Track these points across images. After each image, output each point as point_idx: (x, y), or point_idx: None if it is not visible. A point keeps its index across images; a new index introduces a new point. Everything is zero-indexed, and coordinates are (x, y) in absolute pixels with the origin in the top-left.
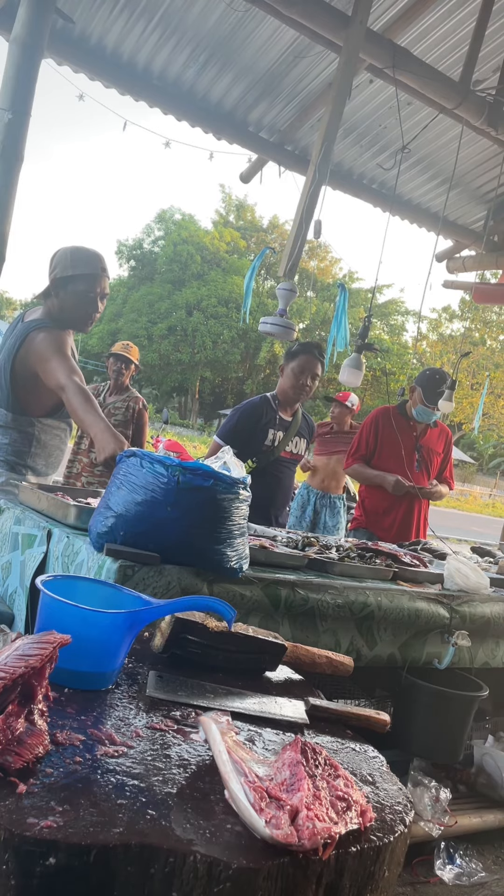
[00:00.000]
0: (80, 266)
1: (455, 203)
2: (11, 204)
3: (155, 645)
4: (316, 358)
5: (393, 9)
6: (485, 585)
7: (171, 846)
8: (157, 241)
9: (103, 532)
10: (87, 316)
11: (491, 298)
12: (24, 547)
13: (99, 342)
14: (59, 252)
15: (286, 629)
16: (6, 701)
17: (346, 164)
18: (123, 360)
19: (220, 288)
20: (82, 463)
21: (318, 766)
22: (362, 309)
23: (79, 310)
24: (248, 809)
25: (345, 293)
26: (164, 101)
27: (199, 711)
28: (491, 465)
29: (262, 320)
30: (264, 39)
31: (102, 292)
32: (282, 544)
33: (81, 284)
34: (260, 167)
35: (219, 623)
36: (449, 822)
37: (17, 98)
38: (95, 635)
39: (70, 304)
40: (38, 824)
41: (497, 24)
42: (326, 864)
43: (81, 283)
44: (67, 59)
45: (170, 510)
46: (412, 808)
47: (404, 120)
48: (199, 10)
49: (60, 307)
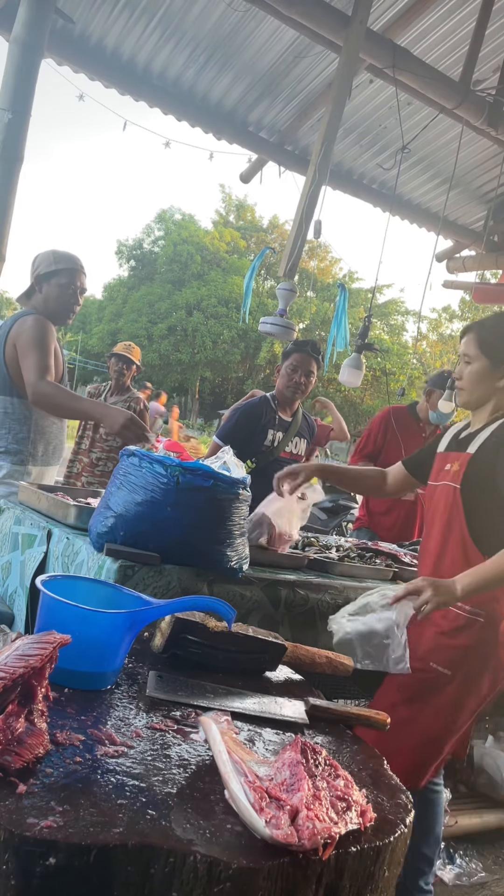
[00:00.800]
0: (61, 262)
1: (455, 203)
2: (11, 204)
3: (155, 645)
4: (309, 355)
5: (393, 9)
6: None
7: (171, 846)
8: (157, 241)
9: (103, 532)
10: (69, 308)
11: (491, 298)
12: (24, 547)
13: (99, 342)
14: (39, 254)
15: (286, 629)
16: (6, 701)
17: (346, 164)
18: (125, 360)
19: (220, 288)
20: (82, 463)
21: (318, 766)
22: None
23: (61, 301)
24: (248, 809)
25: (345, 293)
26: (164, 101)
27: (199, 711)
28: None
29: (262, 320)
30: (264, 39)
31: (81, 287)
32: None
33: (64, 278)
34: (260, 167)
35: (219, 623)
36: (449, 822)
37: (17, 98)
38: (95, 635)
39: (53, 297)
40: (38, 824)
41: (497, 24)
42: (326, 865)
43: (64, 276)
44: (67, 59)
45: (170, 510)
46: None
47: (404, 120)
48: (199, 10)
49: (44, 301)
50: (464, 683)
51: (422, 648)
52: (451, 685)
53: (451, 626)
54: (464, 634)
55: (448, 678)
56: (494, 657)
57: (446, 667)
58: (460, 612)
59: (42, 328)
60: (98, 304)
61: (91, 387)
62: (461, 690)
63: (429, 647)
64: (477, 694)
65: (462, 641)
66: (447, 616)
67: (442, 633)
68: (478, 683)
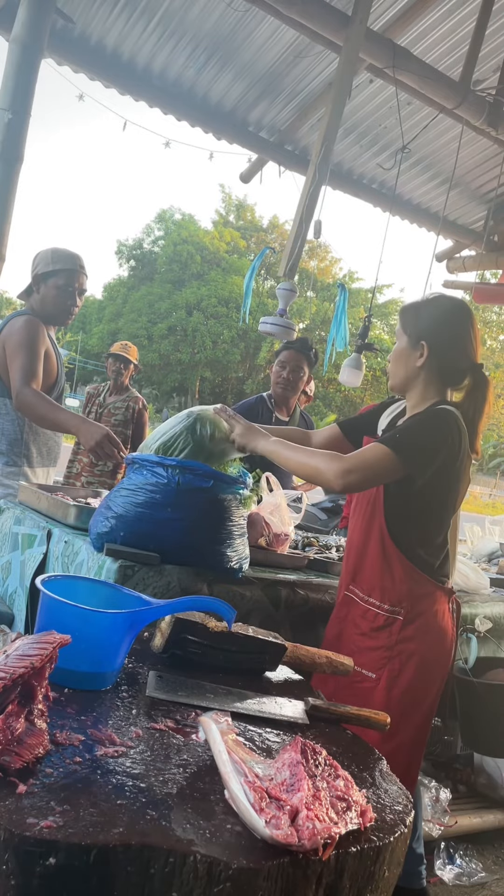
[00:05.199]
0: (59, 262)
1: (455, 203)
2: (11, 204)
3: (155, 645)
4: (298, 352)
5: (393, 9)
6: (485, 585)
7: (171, 846)
8: (157, 240)
9: (103, 532)
10: (67, 309)
11: (491, 298)
12: (24, 547)
13: (99, 342)
14: (39, 252)
15: (286, 629)
16: (6, 701)
17: (345, 164)
18: (122, 360)
19: (220, 288)
20: (82, 463)
21: (319, 767)
22: (362, 309)
23: (59, 302)
24: (248, 809)
25: (345, 293)
26: (163, 100)
27: (199, 711)
28: (491, 465)
29: (261, 320)
30: (264, 39)
31: (80, 288)
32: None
33: (62, 279)
34: (260, 167)
35: (219, 623)
36: (449, 822)
37: (16, 98)
38: (95, 635)
39: (51, 297)
40: (38, 824)
41: (497, 24)
42: (326, 865)
43: (62, 277)
44: (67, 59)
45: (170, 511)
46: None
47: (404, 120)
48: (199, 10)
49: (42, 301)
50: (389, 686)
51: (344, 651)
52: (378, 688)
53: (370, 627)
54: (383, 634)
55: (374, 681)
56: (418, 655)
57: (370, 670)
58: (379, 612)
59: (32, 330)
60: (98, 303)
61: (90, 387)
62: (389, 693)
63: (351, 650)
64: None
65: (381, 642)
66: (366, 616)
67: (362, 634)
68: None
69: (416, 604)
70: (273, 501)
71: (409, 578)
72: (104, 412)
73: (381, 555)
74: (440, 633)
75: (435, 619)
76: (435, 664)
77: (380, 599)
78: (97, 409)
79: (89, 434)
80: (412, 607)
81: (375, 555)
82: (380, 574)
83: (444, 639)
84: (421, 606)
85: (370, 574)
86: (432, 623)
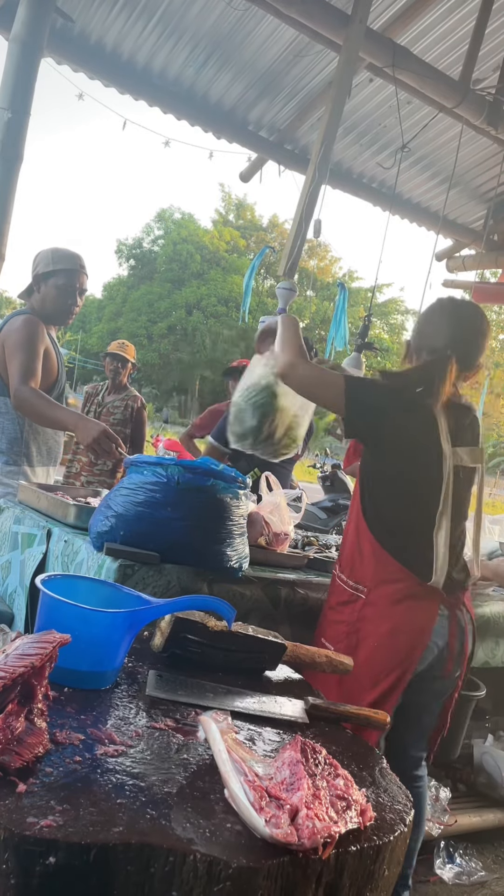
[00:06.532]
0: (60, 262)
1: (455, 202)
2: (11, 203)
3: (155, 644)
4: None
5: (393, 7)
6: (484, 585)
7: (170, 845)
8: (157, 240)
9: (103, 531)
10: (68, 309)
11: (491, 298)
12: (23, 546)
13: (99, 341)
14: (40, 252)
15: (286, 629)
16: (6, 700)
17: (345, 164)
18: (119, 359)
19: (220, 287)
20: (82, 462)
21: (318, 766)
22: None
23: (59, 302)
24: (247, 809)
25: (344, 292)
26: (163, 99)
27: (199, 710)
28: (491, 465)
29: (261, 319)
30: (264, 38)
31: (81, 288)
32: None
33: (62, 279)
34: (260, 166)
35: (219, 622)
36: (448, 822)
37: (16, 97)
38: (95, 634)
39: (51, 297)
40: (38, 823)
41: (497, 23)
42: (326, 864)
43: (62, 277)
44: (67, 58)
45: (170, 510)
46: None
47: (404, 119)
48: (199, 9)
49: (42, 301)
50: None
51: (320, 625)
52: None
53: (337, 601)
54: (347, 609)
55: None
56: (372, 638)
57: (332, 642)
58: (345, 587)
59: (30, 329)
60: (98, 303)
61: (89, 386)
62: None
63: (323, 624)
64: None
65: (345, 616)
66: (335, 590)
67: (331, 608)
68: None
69: (379, 586)
70: (273, 501)
71: (375, 559)
72: (103, 411)
73: (355, 532)
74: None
75: (396, 608)
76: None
77: (348, 576)
78: (96, 408)
79: (87, 431)
80: (375, 587)
81: (352, 532)
82: (352, 551)
83: (400, 635)
84: (384, 590)
85: (348, 551)
86: (392, 613)
